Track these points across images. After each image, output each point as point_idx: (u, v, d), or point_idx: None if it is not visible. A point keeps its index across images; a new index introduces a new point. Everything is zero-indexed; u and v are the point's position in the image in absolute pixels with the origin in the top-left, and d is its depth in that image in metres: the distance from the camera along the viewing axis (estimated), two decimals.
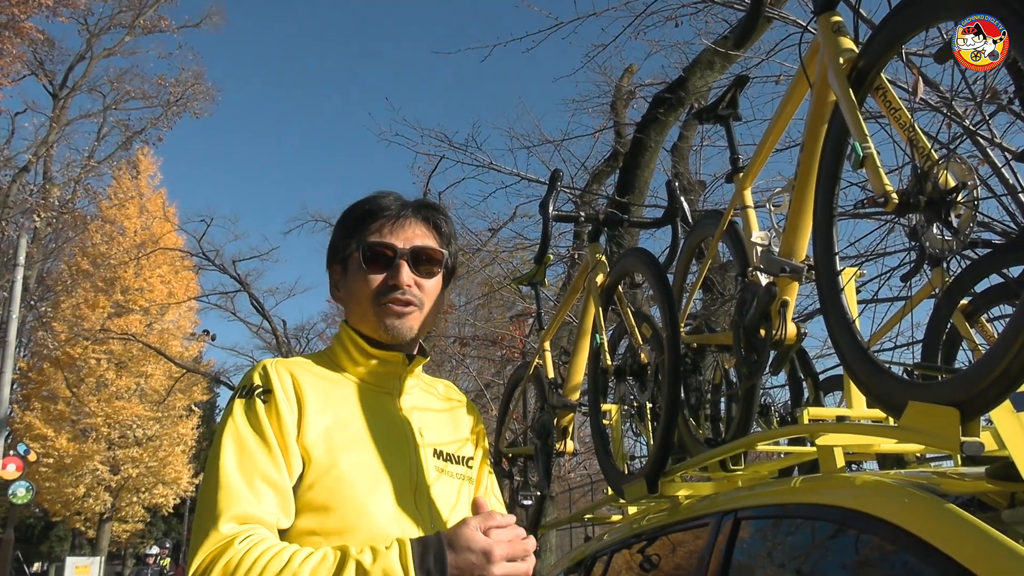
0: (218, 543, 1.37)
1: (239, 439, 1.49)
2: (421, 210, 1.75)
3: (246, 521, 1.41)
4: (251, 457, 1.47)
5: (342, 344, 1.71)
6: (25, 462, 18.77)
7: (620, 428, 3.14)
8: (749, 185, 2.59)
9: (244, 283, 18.54)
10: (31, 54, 23.38)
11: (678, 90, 7.73)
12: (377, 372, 1.70)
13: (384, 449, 1.59)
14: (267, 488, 1.45)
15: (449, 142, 10.73)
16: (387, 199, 1.74)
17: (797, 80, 2.25)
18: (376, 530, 1.48)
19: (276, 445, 1.50)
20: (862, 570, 1.60)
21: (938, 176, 1.58)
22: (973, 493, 1.45)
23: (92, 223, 26.24)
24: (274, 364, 1.61)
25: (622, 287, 3.07)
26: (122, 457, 26.05)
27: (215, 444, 1.51)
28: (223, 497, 1.42)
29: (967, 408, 1.44)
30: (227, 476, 1.44)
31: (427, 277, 1.71)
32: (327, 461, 1.52)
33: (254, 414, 1.52)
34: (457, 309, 17.55)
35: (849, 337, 1.84)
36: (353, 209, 1.76)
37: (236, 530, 1.38)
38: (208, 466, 1.49)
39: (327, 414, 1.57)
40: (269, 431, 1.50)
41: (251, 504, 1.42)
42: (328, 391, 1.61)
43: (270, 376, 1.57)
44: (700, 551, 2.10)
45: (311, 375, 1.63)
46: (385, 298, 1.66)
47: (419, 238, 1.71)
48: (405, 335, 1.67)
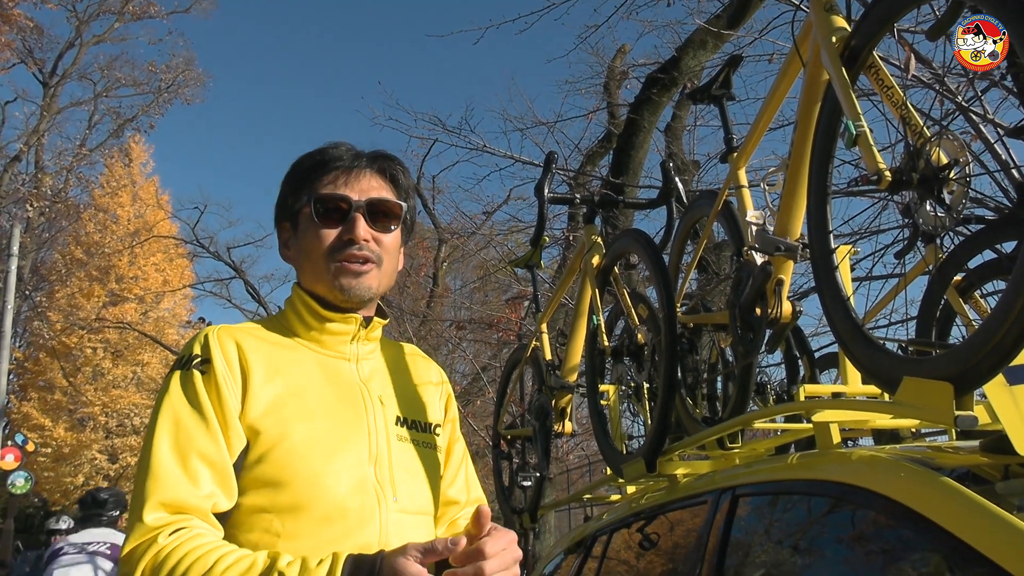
0: (144, 536, 1.30)
1: (174, 415, 1.40)
2: (376, 160, 1.63)
3: (177, 510, 1.33)
4: (187, 434, 1.38)
5: (294, 307, 1.60)
6: (23, 452, 18.78)
7: (618, 408, 3.16)
8: (743, 165, 2.60)
9: (239, 270, 18.51)
10: (20, 42, 23.19)
11: (671, 70, 7.70)
12: (332, 336, 1.58)
13: (340, 418, 1.49)
14: (204, 467, 1.36)
15: (442, 125, 10.72)
16: (339, 149, 1.62)
17: (790, 59, 2.26)
18: (332, 504, 1.41)
19: (215, 420, 1.40)
20: (859, 544, 1.62)
21: (930, 153, 1.59)
22: (968, 466, 1.47)
23: (85, 212, 26.15)
24: (216, 332, 1.50)
25: (618, 268, 3.08)
26: (120, 446, 26.04)
27: (150, 421, 1.42)
28: (152, 482, 1.33)
29: (960, 383, 1.46)
30: (159, 458, 1.36)
31: (384, 232, 1.59)
32: (277, 433, 1.42)
33: (191, 387, 1.42)
34: (453, 293, 17.56)
35: (844, 315, 1.85)
36: (302, 161, 1.63)
37: (164, 520, 1.31)
38: (143, 446, 1.40)
39: (277, 383, 1.47)
40: (208, 405, 1.41)
41: (183, 488, 1.34)
42: (278, 358, 1.50)
43: (210, 346, 1.47)
44: (699, 528, 2.12)
45: (260, 341, 1.52)
46: (341, 255, 1.54)
47: (375, 190, 1.59)
48: (363, 296, 1.56)
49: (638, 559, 2.67)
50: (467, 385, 14.78)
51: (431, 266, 15.86)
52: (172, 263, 27.24)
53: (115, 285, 26.01)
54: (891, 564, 1.51)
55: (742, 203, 2.50)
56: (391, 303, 12.85)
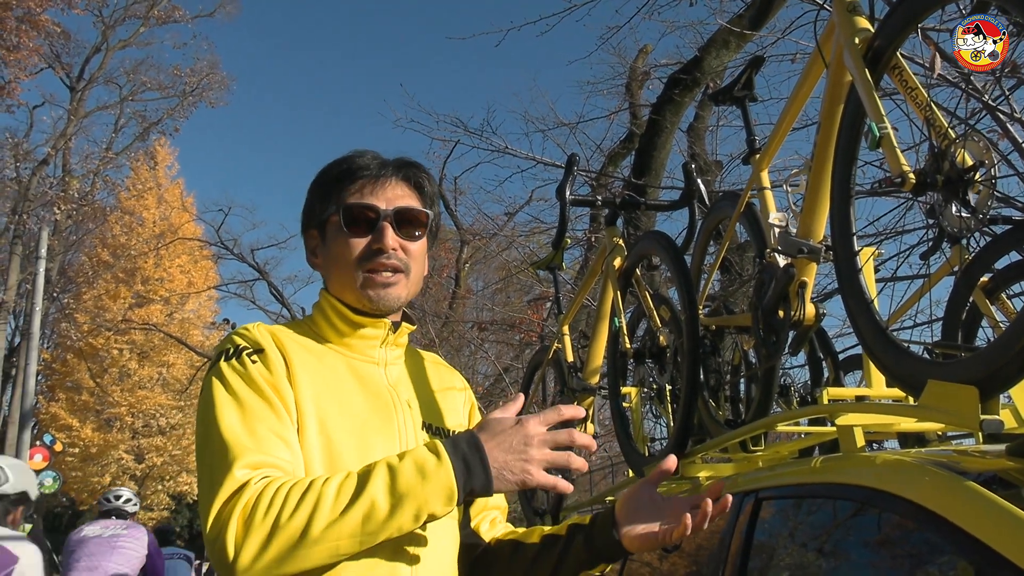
0: (232, 488, 1.27)
1: (236, 399, 1.38)
2: (402, 168, 1.63)
3: (260, 466, 1.31)
4: (253, 413, 1.36)
5: (323, 313, 1.60)
6: (51, 452, 19.00)
7: (640, 410, 3.16)
8: (766, 166, 2.59)
9: (263, 271, 18.62)
10: (47, 47, 23.52)
11: (693, 70, 7.67)
12: (362, 341, 1.59)
13: (370, 420, 1.50)
14: (277, 440, 1.35)
15: (464, 127, 10.74)
16: (365, 158, 1.62)
17: (813, 61, 2.24)
18: None
19: (278, 402, 1.39)
20: (883, 549, 1.61)
21: (955, 155, 1.58)
22: (993, 470, 1.46)
23: (111, 214, 26.46)
24: (257, 326, 1.51)
25: (640, 270, 3.08)
26: (146, 446, 26.29)
27: (207, 410, 1.38)
28: (231, 450, 1.31)
29: (986, 386, 1.45)
30: (231, 433, 1.33)
31: (412, 240, 1.59)
32: (317, 426, 1.43)
33: (247, 373, 1.41)
34: (475, 294, 17.59)
35: (868, 317, 1.84)
36: (329, 169, 1.64)
37: (251, 474, 1.29)
38: (204, 431, 1.37)
39: (312, 382, 1.47)
40: (268, 388, 1.40)
41: (262, 453, 1.32)
42: (311, 361, 1.51)
43: (256, 336, 1.48)
44: (721, 531, 2.11)
45: (293, 341, 1.52)
46: (369, 263, 1.55)
47: (402, 199, 1.60)
48: (392, 305, 1.57)
49: (660, 561, 2.66)
50: (489, 386, 14.77)
51: (453, 267, 15.90)
52: (197, 265, 27.50)
53: (141, 287, 26.30)
54: (916, 569, 1.50)
55: (765, 204, 2.49)
56: (413, 304, 12.89)
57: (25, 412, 17.38)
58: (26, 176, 22.68)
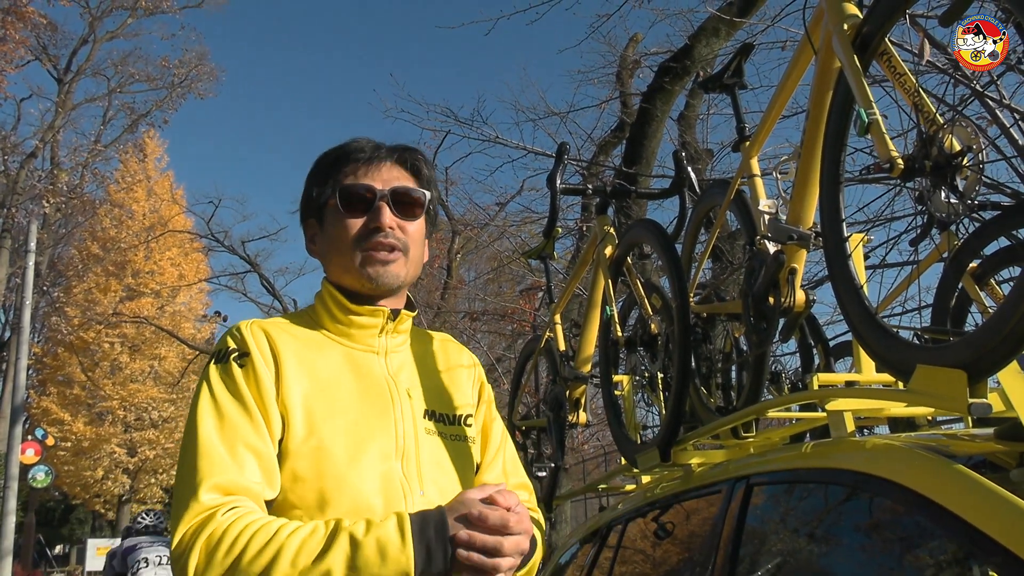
0: (199, 514, 1.29)
1: (218, 407, 1.41)
2: (397, 151, 1.65)
3: (229, 491, 1.33)
4: (231, 425, 1.39)
5: (322, 302, 1.61)
6: (43, 447, 18.99)
7: (632, 399, 3.17)
8: (756, 153, 2.59)
9: (254, 263, 18.53)
10: (34, 39, 23.43)
11: (683, 59, 7.67)
12: (360, 330, 1.59)
13: (366, 413, 1.50)
14: (250, 456, 1.37)
15: (454, 117, 10.76)
16: (359, 142, 1.64)
17: (802, 47, 2.24)
18: (357, 500, 1.41)
19: (257, 412, 1.42)
20: (874, 532, 1.62)
21: (943, 141, 1.58)
22: (982, 454, 1.47)
23: (101, 207, 26.35)
24: (249, 325, 1.52)
25: (631, 258, 3.08)
26: (139, 439, 26.27)
27: (192, 413, 1.42)
28: (203, 464, 1.34)
29: (974, 370, 1.45)
30: (207, 443, 1.36)
31: (409, 219, 1.60)
32: (305, 430, 1.44)
33: (232, 379, 1.44)
34: (467, 284, 17.58)
35: (858, 303, 1.85)
36: (324, 156, 1.66)
37: (219, 501, 1.31)
38: (186, 435, 1.41)
39: (305, 379, 1.49)
40: (249, 397, 1.42)
41: (234, 472, 1.34)
42: (306, 353, 1.52)
43: (246, 338, 1.49)
44: (713, 517, 2.12)
45: (289, 336, 1.53)
46: (367, 243, 1.55)
47: (398, 179, 1.61)
48: (391, 283, 1.57)
49: (653, 548, 2.67)
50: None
51: (445, 258, 15.87)
52: (187, 257, 27.43)
53: (131, 280, 26.22)
54: (905, 552, 1.51)
55: (755, 192, 2.50)
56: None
57: (16, 407, 17.32)
58: (14, 169, 22.58)
